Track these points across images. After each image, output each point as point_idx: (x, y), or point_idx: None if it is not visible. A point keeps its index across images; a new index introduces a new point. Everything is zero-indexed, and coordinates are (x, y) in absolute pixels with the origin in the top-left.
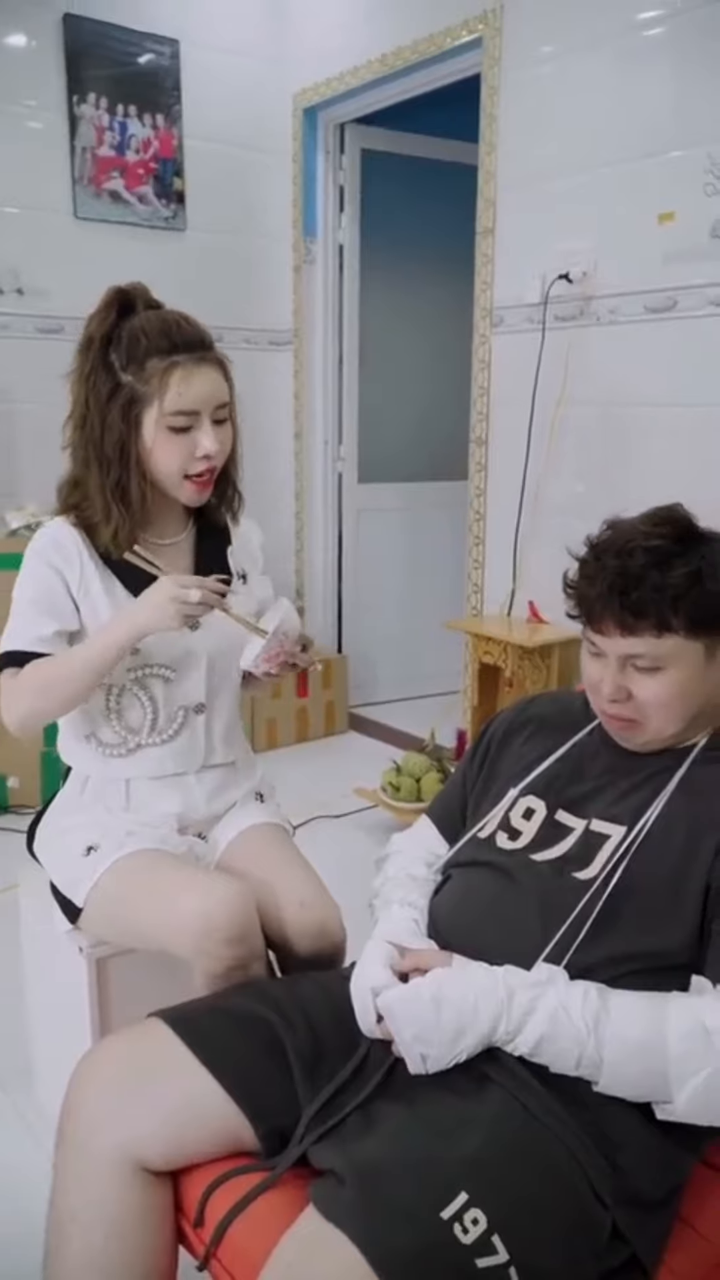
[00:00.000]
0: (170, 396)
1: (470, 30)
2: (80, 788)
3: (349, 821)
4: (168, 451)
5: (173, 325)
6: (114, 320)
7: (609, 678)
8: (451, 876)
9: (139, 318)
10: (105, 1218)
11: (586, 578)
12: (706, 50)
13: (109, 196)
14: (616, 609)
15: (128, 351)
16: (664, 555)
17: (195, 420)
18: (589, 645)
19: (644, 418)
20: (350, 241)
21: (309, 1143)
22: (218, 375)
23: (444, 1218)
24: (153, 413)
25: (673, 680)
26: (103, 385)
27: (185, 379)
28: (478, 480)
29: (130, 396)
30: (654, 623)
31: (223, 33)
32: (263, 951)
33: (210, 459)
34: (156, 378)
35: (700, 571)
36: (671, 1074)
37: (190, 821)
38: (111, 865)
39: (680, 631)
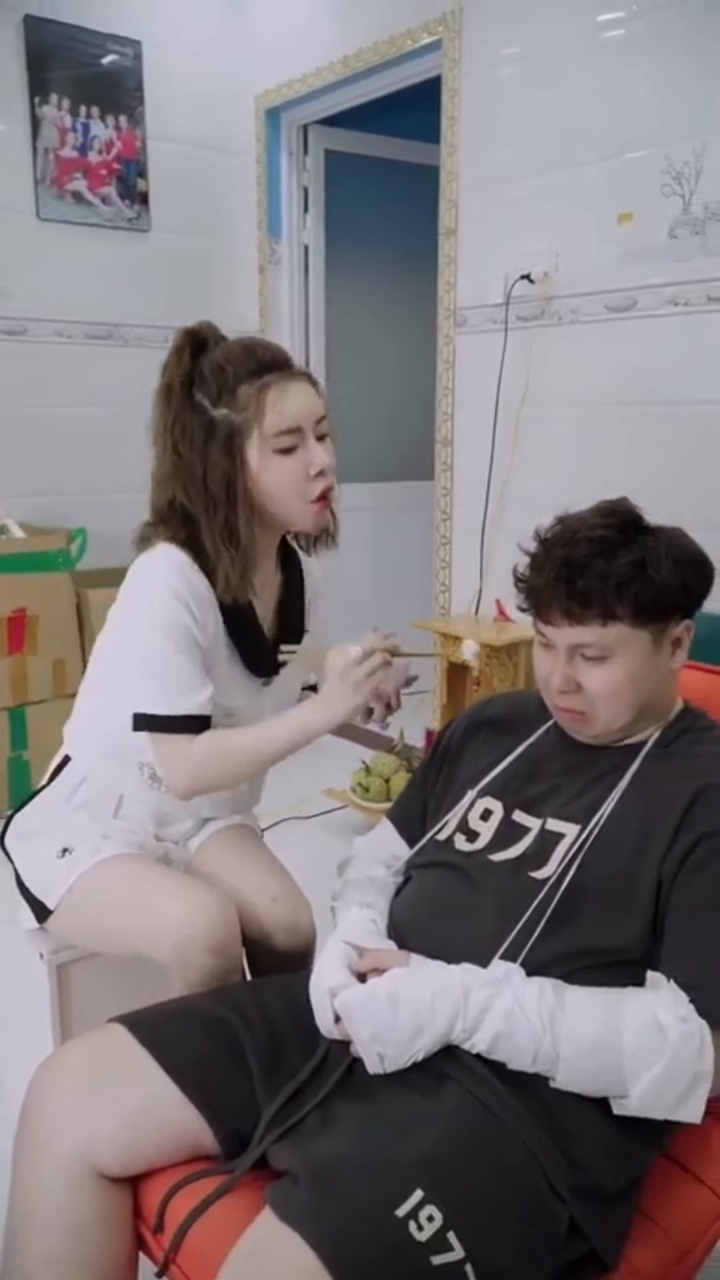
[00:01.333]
0: (270, 418)
1: (430, 32)
2: (71, 791)
3: (318, 822)
4: (279, 476)
5: (255, 348)
6: (190, 361)
7: (558, 670)
8: (411, 878)
9: (217, 350)
10: (62, 1222)
11: (535, 569)
12: (665, 51)
13: (72, 197)
14: (563, 598)
15: (216, 385)
16: (609, 545)
17: (299, 438)
18: (539, 637)
19: (605, 416)
20: (315, 242)
21: (268, 1144)
22: (310, 388)
23: (399, 1215)
24: (255, 439)
25: (620, 669)
26: (195, 428)
27: (281, 396)
28: (444, 480)
29: (229, 430)
30: (599, 611)
31: (185, 34)
32: (241, 963)
33: (325, 474)
34: (253, 401)
35: (644, 560)
36: (626, 1069)
37: (170, 833)
38: (88, 869)
39: (625, 619)
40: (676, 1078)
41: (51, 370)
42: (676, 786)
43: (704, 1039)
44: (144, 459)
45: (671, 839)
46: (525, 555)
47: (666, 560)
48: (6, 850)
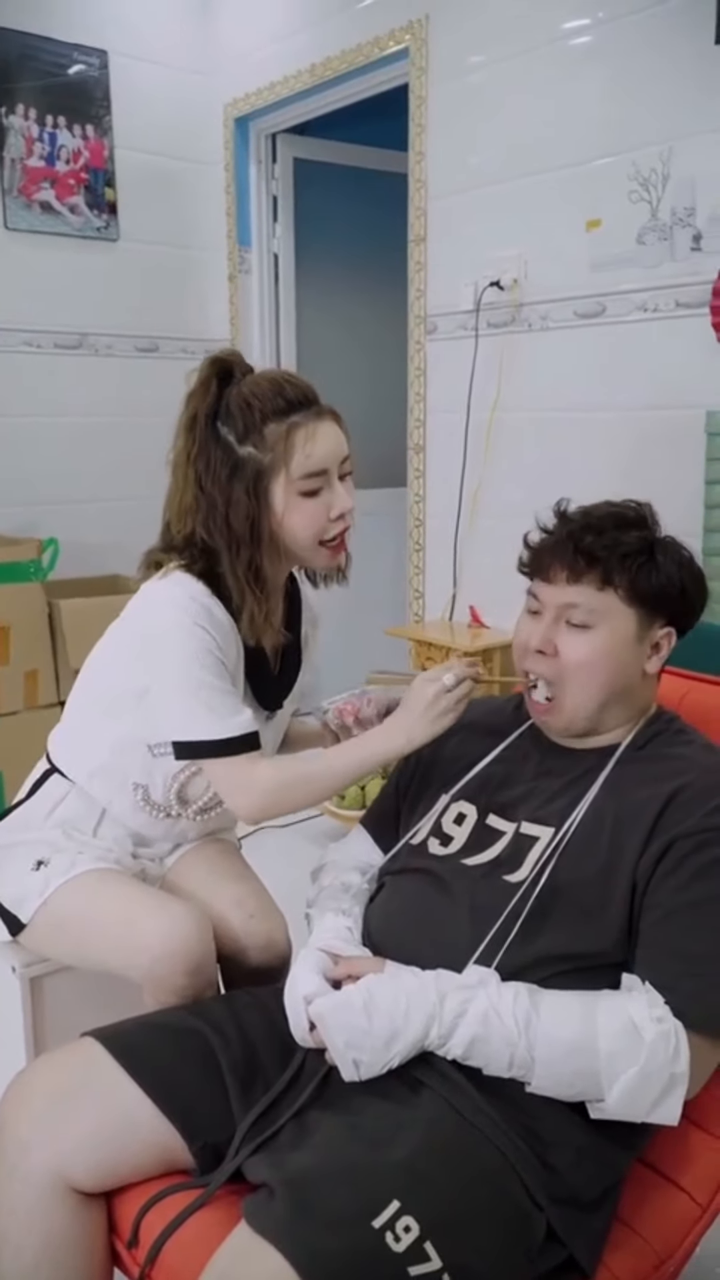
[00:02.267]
0: (298, 459)
1: (397, 40)
2: (52, 805)
3: (295, 831)
4: (302, 518)
5: (283, 384)
6: (216, 392)
7: (540, 631)
8: (385, 884)
9: (244, 383)
10: (36, 1238)
11: (546, 532)
12: (631, 60)
13: (40, 207)
14: (569, 551)
15: (243, 422)
16: (625, 520)
17: (325, 480)
18: (530, 601)
19: (576, 422)
20: (285, 250)
21: (243, 1157)
22: (337, 428)
23: (375, 1226)
24: (280, 480)
25: (600, 641)
26: (220, 464)
27: (309, 438)
28: (417, 487)
29: (256, 470)
30: (600, 573)
31: (152, 43)
32: (215, 981)
33: (345, 518)
34: (280, 443)
35: (654, 545)
36: (603, 1071)
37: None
38: (64, 884)
39: (620, 591)
40: (652, 1080)
41: (21, 380)
42: (650, 789)
43: (679, 1040)
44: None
45: (645, 842)
46: (541, 531)
47: (673, 560)
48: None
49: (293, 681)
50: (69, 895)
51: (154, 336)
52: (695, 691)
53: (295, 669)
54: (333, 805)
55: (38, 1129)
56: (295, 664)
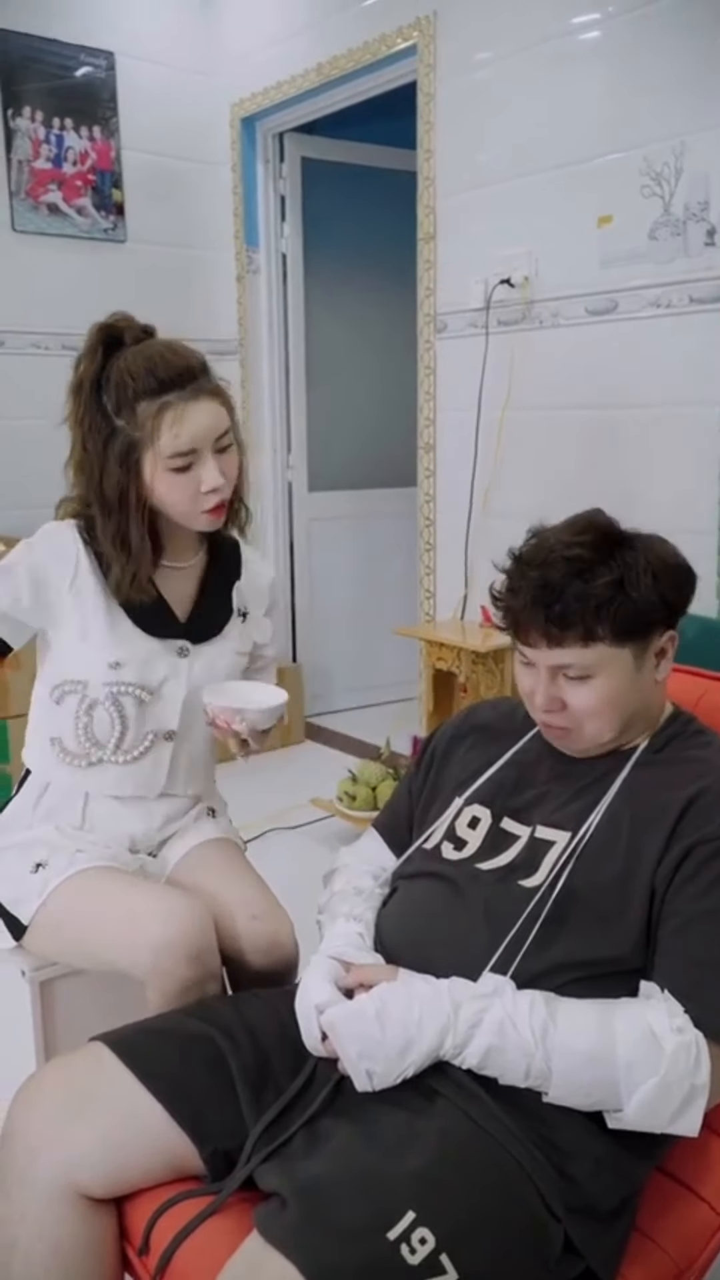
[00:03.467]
0: (165, 439)
1: (404, 38)
2: (36, 798)
3: (305, 832)
4: (173, 491)
5: (158, 363)
6: (101, 360)
7: (541, 689)
8: (398, 888)
9: (125, 356)
10: (46, 1245)
11: (511, 590)
12: (641, 54)
13: (47, 209)
14: (541, 621)
15: (117, 396)
16: (585, 564)
17: (195, 457)
18: (519, 656)
19: (588, 419)
20: (293, 250)
21: (255, 1164)
22: (213, 405)
23: (390, 1238)
24: (150, 457)
25: (603, 688)
26: (98, 431)
27: (178, 419)
28: (427, 486)
29: (126, 443)
30: (580, 633)
31: (158, 45)
32: (219, 971)
33: (218, 491)
34: (150, 421)
35: (622, 580)
36: (621, 1082)
37: (142, 844)
38: (62, 883)
39: (606, 640)
40: (673, 1091)
41: (29, 382)
42: (668, 794)
43: (700, 1050)
44: None
45: (664, 847)
46: (501, 574)
47: (645, 576)
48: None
49: (215, 629)
50: (67, 894)
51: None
52: (712, 692)
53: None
54: (343, 807)
55: (48, 1134)
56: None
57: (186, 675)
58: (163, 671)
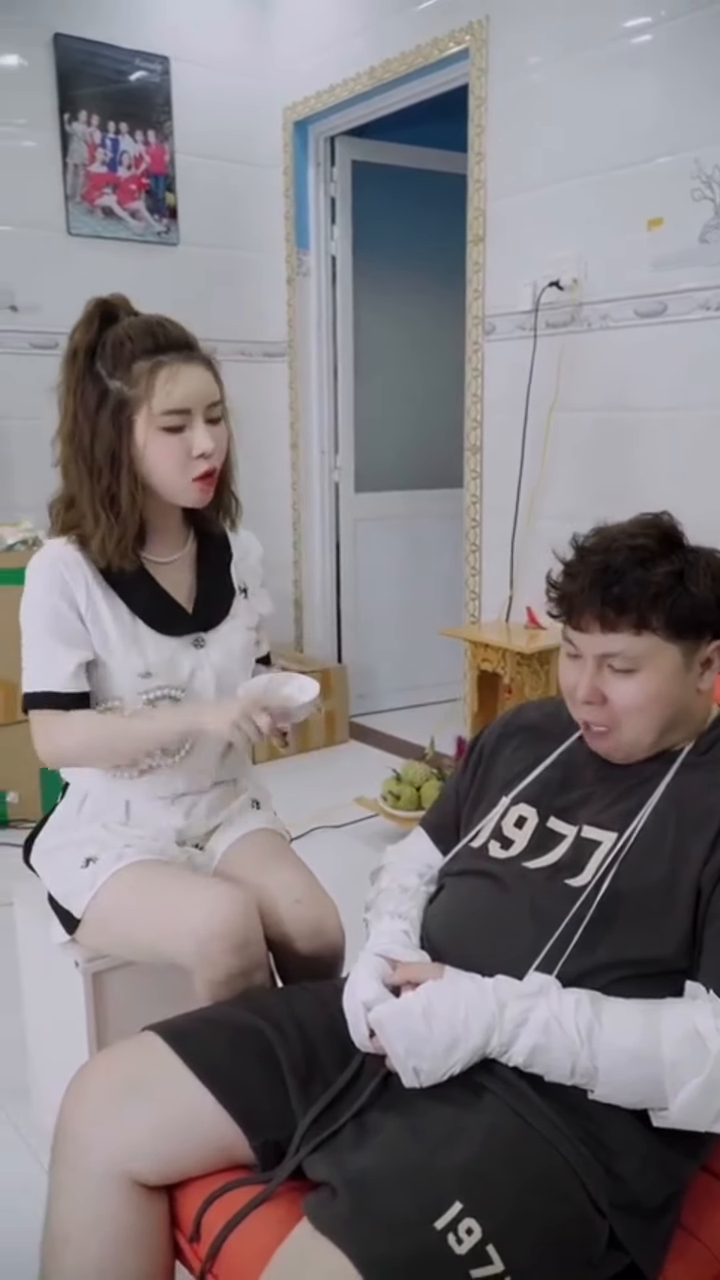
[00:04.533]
0: (159, 396)
1: (457, 42)
2: (79, 805)
3: (349, 831)
4: (163, 453)
5: (156, 327)
6: (97, 330)
7: (584, 680)
8: (445, 886)
9: (121, 325)
10: (100, 1234)
11: (569, 575)
12: (692, 57)
13: (102, 212)
14: (598, 604)
15: (113, 357)
16: (648, 554)
17: (188, 419)
18: (567, 646)
19: (636, 422)
20: (342, 252)
21: (304, 1155)
22: (206, 373)
23: (438, 1228)
24: (143, 414)
25: (648, 683)
26: (91, 395)
27: (172, 376)
28: (473, 487)
29: (119, 401)
30: (634, 619)
31: (212, 49)
32: (264, 960)
33: (208, 457)
34: (144, 378)
35: (683, 573)
36: (666, 1080)
37: (189, 835)
38: (111, 876)
39: (658, 631)
40: (717, 1090)
41: None
42: (715, 795)
43: None
44: None
45: (710, 848)
46: (560, 563)
47: (705, 576)
48: (32, 867)
49: (222, 613)
50: (116, 887)
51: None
52: None
53: (222, 601)
54: (387, 806)
55: (101, 1123)
56: (220, 596)
57: (210, 664)
58: (188, 667)
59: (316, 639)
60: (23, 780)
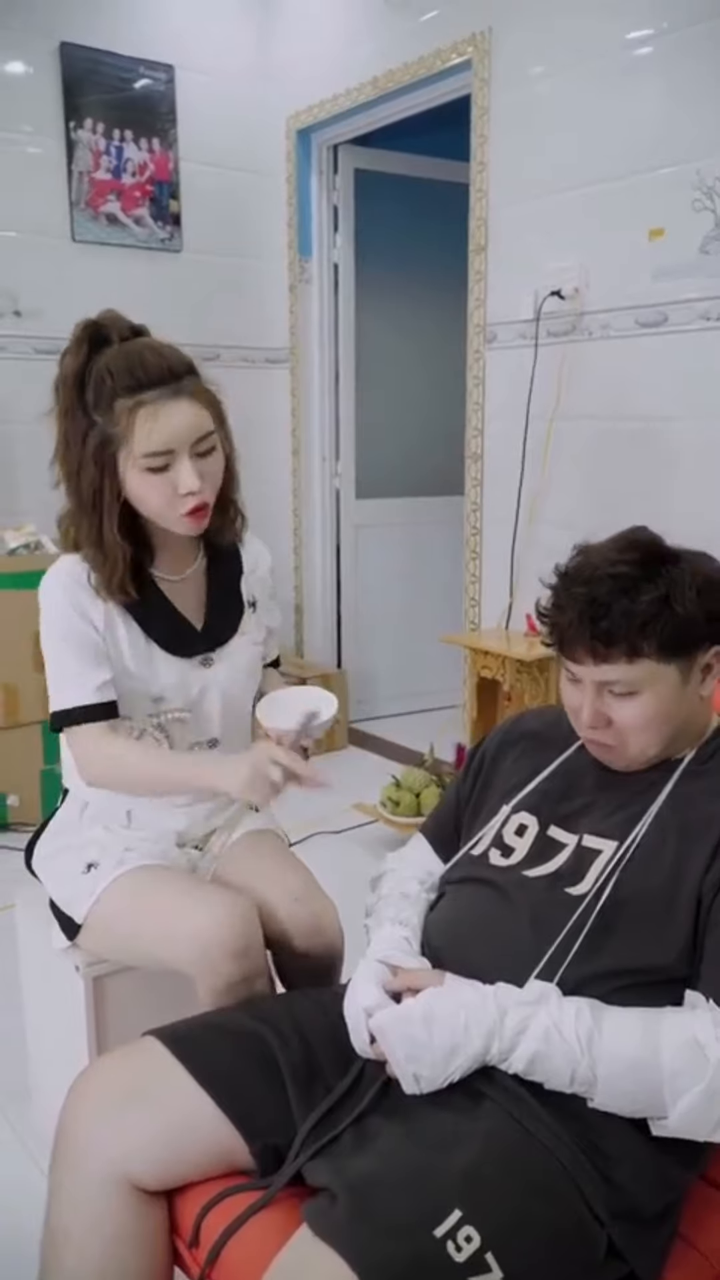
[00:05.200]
0: (139, 438)
1: (459, 53)
2: (79, 811)
3: (349, 837)
4: (149, 492)
5: (137, 362)
6: (86, 355)
7: (587, 704)
8: (445, 894)
9: (107, 354)
10: (99, 1237)
11: (557, 606)
12: (694, 68)
13: (106, 219)
14: (587, 637)
15: (95, 392)
16: (631, 581)
17: (171, 459)
18: (566, 672)
19: (637, 431)
20: (345, 260)
21: (303, 1160)
22: (192, 407)
23: (437, 1235)
24: (124, 454)
25: (649, 704)
26: (78, 425)
27: (152, 417)
28: (474, 495)
29: (102, 438)
30: (625, 649)
31: (217, 58)
32: (265, 967)
33: (194, 494)
34: (124, 417)
35: (668, 596)
36: (666, 1089)
37: (189, 837)
38: (112, 882)
39: (652, 656)
40: (717, 1099)
41: None
42: (716, 804)
43: None
44: None
45: (711, 857)
46: (546, 589)
47: (691, 592)
48: (34, 872)
49: (231, 629)
50: (117, 893)
51: (216, 346)
52: None
53: (232, 617)
54: (386, 812)
55: (101, 1127)
56: (230, 613)
57: (217, 683)
58: (197, 686)
59: (316, 644)
60: (23, 783)
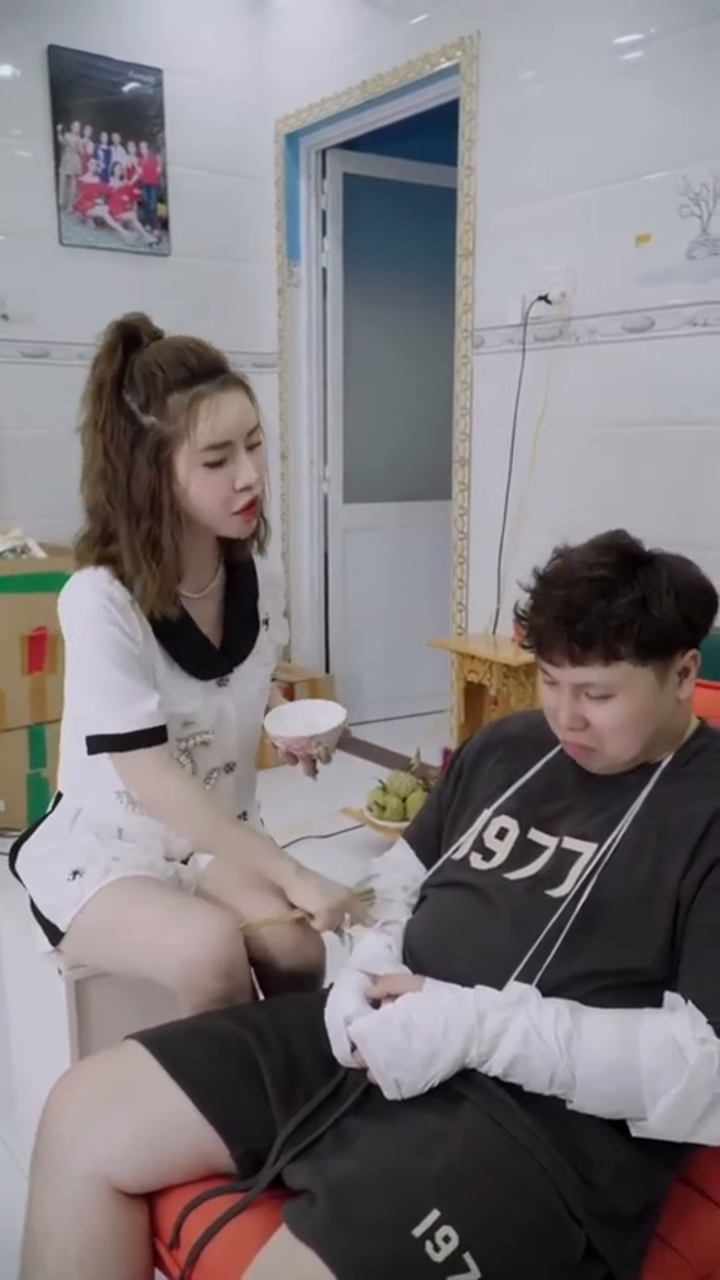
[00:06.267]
0: (201, 431)
1: (448, 57)
2: (71, 820)
3: (334, 842)
4: (207, 489)
5: (186, 353)
6: (122, 359)
7: (564, 707)
8: (427, 898)
9: (147, 351)
10: (79, 1239)
11: (535, 608)
12: (682, 74)
13: (94, 223)
14: (564, 639)
15: (145, 390)
16: (608, 584)
17: (230, 451)
18: (544, 674)
19: (624, 436)
20: (333, 264)
21: (284, 1163)
22: (244, 398)
23: (415, 1235)
24: (184, 452)
25: (626, 706)
26: (123, 432)
27: (213, 409)
28: (461, 500)
29: (157, 440)
30: (601, 652)
31: (206, 61)
32: (248, 983)
33: (252, 489)
34: (183, 413)
35: (645, 599)
36: (644, 1090)
37: (176, 853)
38: (98, 892)
39: (629, 659)
40: (695, 1100)
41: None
42: (694, 807)
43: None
44: None
45: (689, 860)
46: (525, 592)
47: (668, 596)
48: (18, 874)
49: (247, 649)
50: (103, 904)
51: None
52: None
53: (248, 636)
54: (373, 817)
55: (82, 1130)
56: (246, 631)
57: (233, 703)
58: (215, 708)
59: (304, 649)
60: (10, 789)
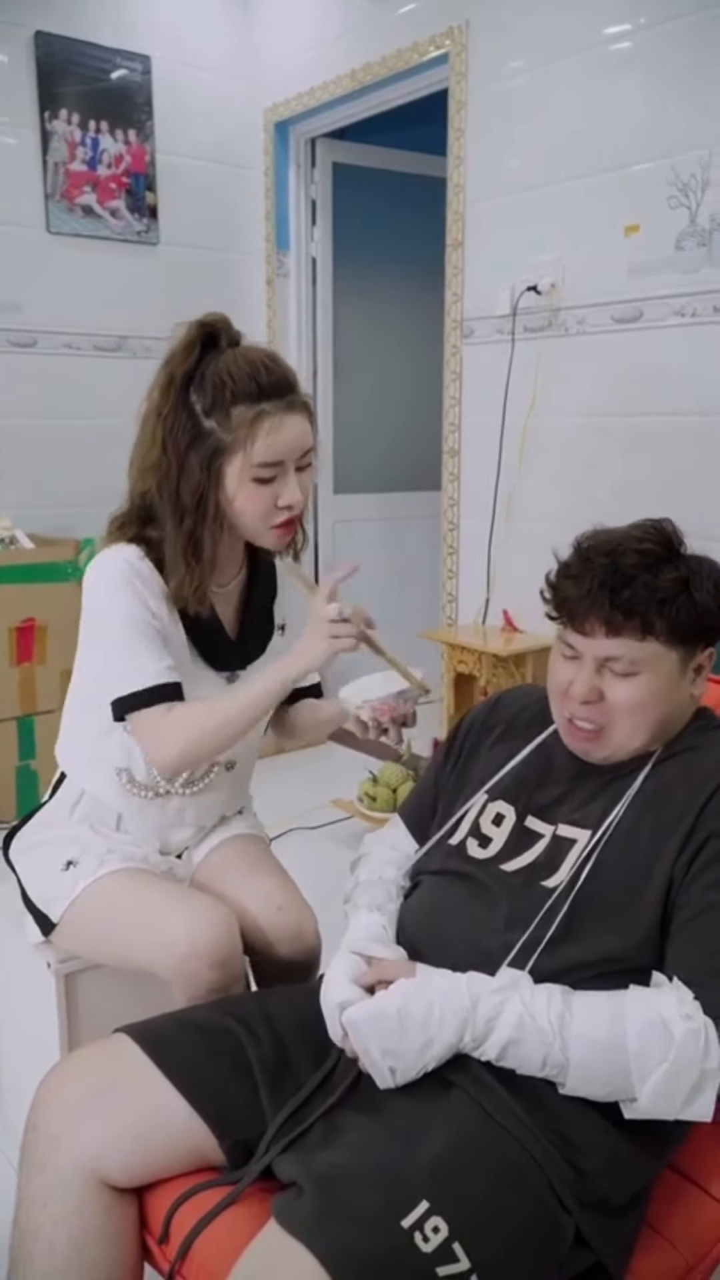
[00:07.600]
0: (258, 448)
1: (437, 46)
2: (71, 807)
3: (325, 832)
4: (250, 502)
5: (260, 368)
6: (198, 358)
7: (583, 679)
8: (422, 883)
9: (224, 357)
10: (68, 1233)
11: (572, 578)
12: (671, 64)
13: (82, 211)
14: (605, 607)
15: (212, 396)
16: (655, 559)
17: (281, 470)
18: (564, 648)
19: (612, 427)
20: (322, 254)
21: (273, 1155)
22: (304, 421)
23: (404, 1226)
24: (237, 463)
25: (646, 686)
26: (183, 430)
27: (274, 429)
28: (451, 490)
29: (214, 446)
30: (639, 624)
31: (194, 49)
32: (243, 975)
33: (292, 509)
34: (244, 427)
35: (688, 579)
36: (633, 1069)
37: (172, 847)
38: (91, 883)
39: (661, 637)
40: (683, 1077)
41: (61, 382)
42: (688, 790)
43: (710, 1037)
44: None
45: (684, 841)
46: (560, 563)
47: (708, 583)
48: (11, 863)
49: (260, 648)
50: (96, 895)
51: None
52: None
53: (263, 635)
54: (363, 808)
55: (71, 1124)
56: (262, 630)
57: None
58: None
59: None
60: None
